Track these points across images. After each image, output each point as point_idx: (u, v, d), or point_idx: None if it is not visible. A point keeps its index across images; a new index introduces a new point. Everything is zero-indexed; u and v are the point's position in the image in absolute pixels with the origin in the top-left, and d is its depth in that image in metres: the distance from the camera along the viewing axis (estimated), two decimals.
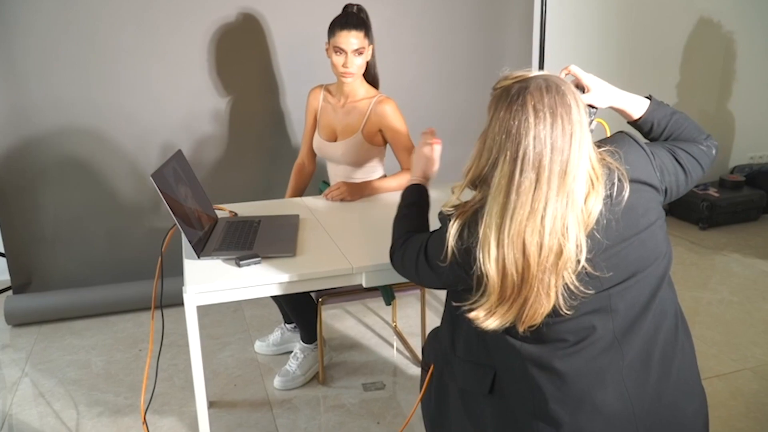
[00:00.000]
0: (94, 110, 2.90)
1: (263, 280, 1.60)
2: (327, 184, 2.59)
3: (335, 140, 2.44)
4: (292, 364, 2.44)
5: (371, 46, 2.31)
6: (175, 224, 1.67)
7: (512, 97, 1.13)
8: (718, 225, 4.07)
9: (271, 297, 2.35)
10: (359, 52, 2.23)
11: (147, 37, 2.88)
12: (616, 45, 3.92)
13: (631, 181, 1.20)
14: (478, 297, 1.19)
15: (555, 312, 1.18)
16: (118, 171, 3.01)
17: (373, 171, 2.44)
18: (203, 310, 2.83)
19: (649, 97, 1.47)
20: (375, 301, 3.08)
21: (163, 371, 2.55)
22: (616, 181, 1.18)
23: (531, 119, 1.10)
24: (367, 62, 2.33)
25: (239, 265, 1.63)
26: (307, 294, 2.35)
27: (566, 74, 1.45)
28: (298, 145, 3.17)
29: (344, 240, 1.85)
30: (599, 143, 1.22)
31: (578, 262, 1.14)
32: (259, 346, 2.68)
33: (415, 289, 2.55)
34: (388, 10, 3.19)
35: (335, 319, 2.96)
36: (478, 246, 1.16)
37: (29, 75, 2.79)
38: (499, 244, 1.13)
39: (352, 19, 2.24)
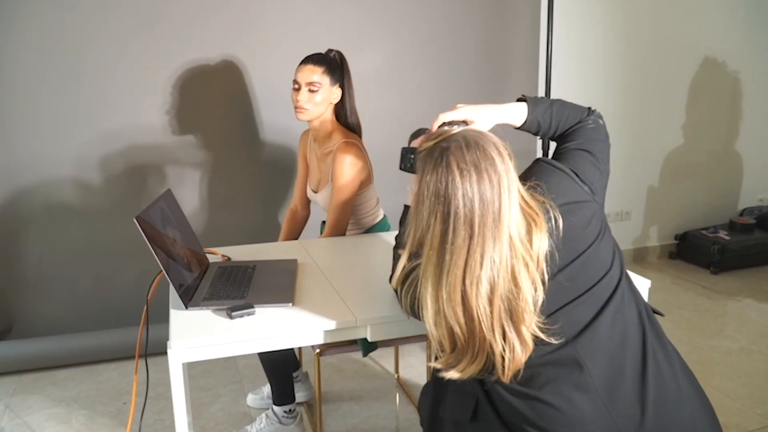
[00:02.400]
0: (78, 157, 2.80)
1: (257, 333, 1.44)
2: None
3: (317, 190, 2.33)
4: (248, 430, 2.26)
5: (338, 88, 2.21)
6: (161, 271, 1.53)
7: (436, 160, 1.15)
8: (729, 269, 3.94)
9: None
10: (314, 86, 2.13)
11: (130, 81, 2.78)
12: (622, 85, 3.84)
13: (561, 206, 1.23)
14: (436, 353, 1.22)
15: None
16: (104, 213, 2.88)
17: (366, 214, 2.31)
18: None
19: (523, 99, 1.49)
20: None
21: (148, 427, 2.37)
22: (550, 213, 1.21)
23: (457, 179, 1.12)
24: (342, 108, 2.25)
25: (231, 317, 1.48)
26: None
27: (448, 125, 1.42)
28: (292, 184, 3.05)
29: (346, 287, 1.70)
30: (521, 178, 1.23)
31: (536, 305, 1.16)
32: (252, 399, 2.50)
33: (422, 340, 2.39)
34: (390, 46, 3.11)
35: (332, 369, 2.78)
36: (417, 305, 1.20)
37: (13, 135, 2.71)
38: (438, 300, 1.15)
39: (315, 55, 2.19)
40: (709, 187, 4.26)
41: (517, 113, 1.48)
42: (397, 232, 1.58)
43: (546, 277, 1.19)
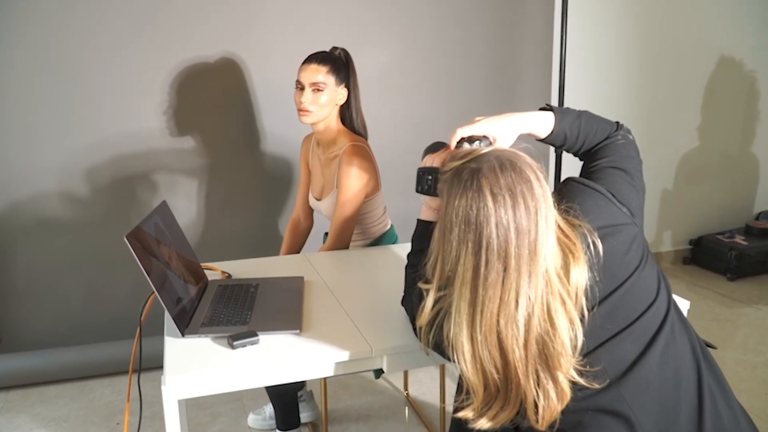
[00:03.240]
0: (70, 164, 2.66)
1: (262, 365, 1.29)
2: None
3: (321, 197, 2.18)
4: None
5: (344, 88, 2.06)
6: (153, 292, 1.38)
7: (465, 182, 1.03)
8: (747, 275, 3.81)
9: None
10: (318, 87, 1.98)
11: (123, 84, 2.64)
12: (635, 86, 3.71)
13: (599, 230, 1.11)
14: (464, 396, 1.09)
15: None
16: (96, 221, 2.74)
17: (373, 224, 2.17)
18: None
19: (548, 108, 1.36)
20: None
21: None
22: (588, 239, 1.09)
23: (490, 204, 1.01)
24: (348, 110, 2.10)
25: (233, 347, 1.33)
26: None
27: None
28: (293, 191, 2.91)
29: (357, 310, 1.55)
30: (554, 198, 1.10)
31: (575, 348, 1.04)
32: (253, 419, 2.36)
33: None
34: (398, 45, 2.96)
35: (338, 385, 2.64)
36: (451, 347, 1.07)
37: (2, 143, 2.58)
38: (473, 342, 1.04)
39: (319, 54, 2.03)
40: (724, 190, 4.13)
41: (542, 123, 1.35)
42: (409, 249, 1.44)
43: (585, 312, 1.06)
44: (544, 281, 1.03)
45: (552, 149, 3.21)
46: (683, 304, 1.57)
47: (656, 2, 3.61)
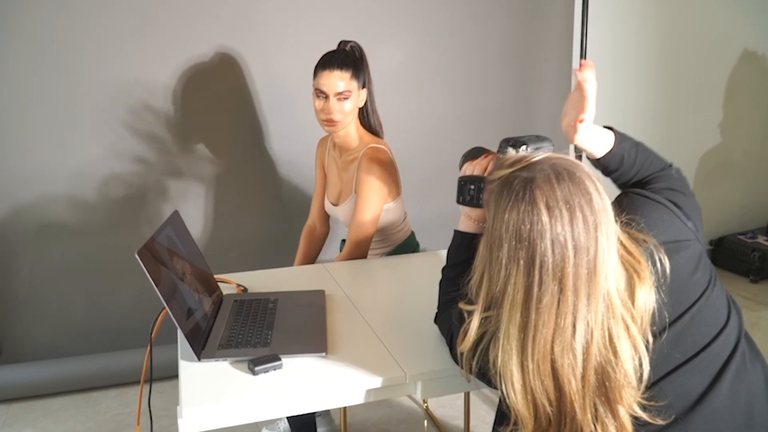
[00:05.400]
0: (72, 170, 2.57)
1: (287, 392, 1.18)
2: None
3: (338, 202, 2.07)
4: None
5: (364, 90, 1.94)
6: (165, 308, 1.27)
7: (517, 193, 0.94)
8: None
9: None
10: (344, 96, 1.86)
11: (127, 88, 2.54)
12: (656, 82, 3.61)
13: (664, 244, 1.01)
14: (511, 427, 1.00)
15: None
16: (100, 229, 2.64)
17: (395, 230, 2.06)
18: None
19: (608, 128, 1.25)
20: None
21: None
22: (655, 256, 1.00)
23: (545, 218, 0.92)
24: (363, 108, 1.98)
25: (254, 372, 1.22)
26: None
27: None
28: (308, 194, 2.80)
29: (386, 328, 1.44)
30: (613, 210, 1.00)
31: (640, 379, 0.94)
32: None
33: None
34: (412, 41, 2.86)
35: None
36: (498, 375, 0.98)
37: (3, 149, 2.50)
38: (524, 371, 0.95)
39: (338, 56, 1.89)
40: (745, 189, 4.03)
41: (603, 140, 1.22)
42: (434, 257, 1.33)
43: (650, 339, 0.96)
44: (604, 304, 0.93)
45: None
46: None
47: None
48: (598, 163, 1.25)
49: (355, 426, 2.36)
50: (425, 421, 2.40)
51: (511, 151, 1.16)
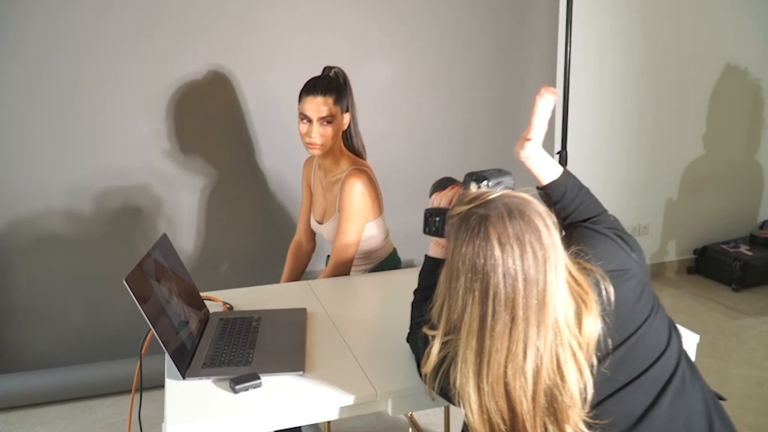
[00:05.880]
0: (69, 185, 2.65)
1: (265, 410, 1.27)
2: None
3: (323, 221, 2.15)
4: None
5: (347, 114, 2.02)
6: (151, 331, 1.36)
7: (473, 229, 1.01)
8: (751, 286, 3.79)
9: None
10: (327, 120, 1.94)
11: (121, 104, 2.62)
12: (641, 95, 3.68)
13: (610, 273, 1.09)
14: None
15: None
16: (95, 241, 2.72)
17: (376, 248, 2.15)
18: None
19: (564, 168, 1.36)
20: None
21: None
22: (600, 285, 1.07)
23: (497, 253, 0.99)
24: (347, 131, 2.06)
25: (235, 391, 1.31)
26: None
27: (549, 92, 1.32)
28: (295, 209, 2.88)
29: (361, 346, 1.53)
30: (563, 243, 1.07)
31: (584, 400, 1.02)
32: None
33: None
34: (401, 58, 2.94)
35: None
36: (457, 396, 1.05)
37: (5, 168, 2.57)
38: (480, 392, 1.02)
39: (322, 82, 1.96)
40: (728, 199, 4.10)
41: (551, 171, 1.32)
42: (412, 274, 1.41)
43: (595, 363, 1.04)
44: (553, 332, 1.00)
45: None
46: (693, 338, 1.55)
47: (661, 12, 3.58)
48: (543, 191, 1.34)
49: None
50: (409, 429, 2.48)
51: (473, 186, 1.25)
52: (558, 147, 3.04)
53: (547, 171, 1.32)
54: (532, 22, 3.17)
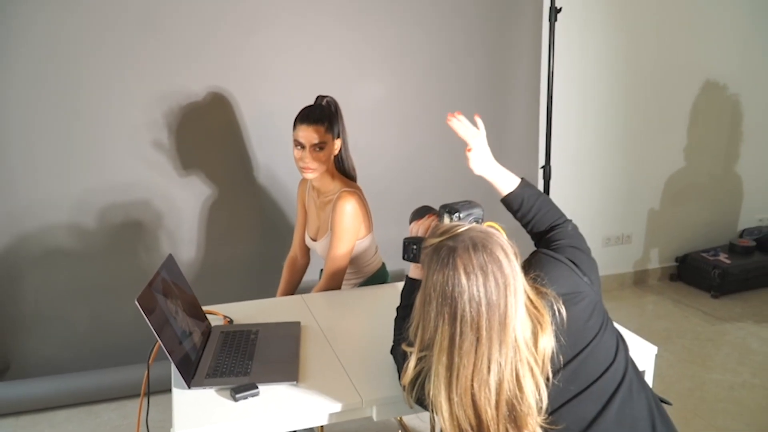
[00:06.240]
0: (75, 199, 2.79)
1: (263, 416, 1.42)
2: None
3: (316, 238, 2.30)
4: None
5: (338, 140, 2.18)
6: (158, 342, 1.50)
7: (443, 260, 1.15)
8: (730, 293, 3.94)
9: None
10: (319, 146, 2.10)
11: (119, 134, 2.77)
12: (623, 109, 3.83)
13: (562, 296, 1.23)
14: None
15: None
16: (100, 252, 2.85)
17: (366, 263, 2.30)
18: None
19: (522, 179, 1.56)
20: None
21: None
22: (554, 307, 1.21)
23: (463, 281, 1.12)
24: (338, 156, 2.22)
25: (235, 399, 1.46)
26: None
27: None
28: (290, 225, 3.02)
29: (350, 358, 1.68)
30: (523, 269, 1.22)
31: (540, 409, 1.16)
32: None
33: None
34: (392, 78, 3.08)
35: None
36: (431, 405, 1.19)
37: (11, 183, 2.71)
38: (450, 402, 1.15)
39: (314, 112, 2.12)
40: (709, 209, 4.25)
41: (508, 182, 1.55)
42: (399, 287, 1.57)
43: (550, 376, 1.18)
44: (513, 349, 1.14)
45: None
46: (651, 350, 1.70)
47: (643, 29, 3.73)
48: (504, 201, 1.55)
49: None
50: (399, 431, 2.62)
51: (446, 218, 1.40)
52: (542, 161, 3.18)
53: (504, 184, 1.54)
54: (518, 43, 3.32)
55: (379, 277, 2.33)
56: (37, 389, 2.76)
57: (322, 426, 2.22)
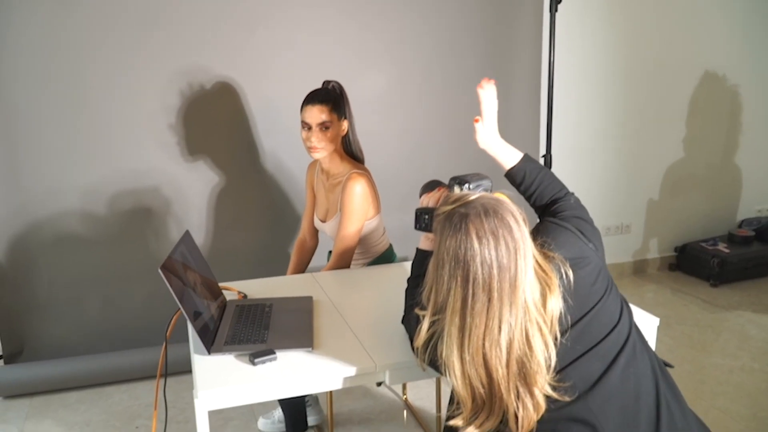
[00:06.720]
0: (85, 187, 2.85)
1: (280, 379, 1.47)
2: None
3: (325, 219, 2.35)
4: None
5: (345, 121, 2.24)
6: (179, 309, 1.56)
7: (455, 225, 1.19)
8: (729, 281, 3.99)
9: None
10: (325, 125, 2.16)
11: (130, 108, 2.82)
12: (623, 100, 3.89)
13: (569, 260, 1.28)
14: (455, 407, 1.26)
15: None
16: (111, 238, 2.91)
17: (374, 244, 2.35)
18: None
19: (525, 155, 1.62)
20: None
21: None
22: (561, 270, 1.26)
23: (476, 245, 1.17)
24: (345, 137, 2.28)
25: (254, 363, 1.51)
26: None
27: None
28: (298, 208, 3.08)
29: (362, 327, 1.74)
30: (531, 236, 1.26)
31: (549, 367, 1.21)
32: (263, 423, 2.54)
33: None
34: (395, 68, 3.14)
35: (340, 390, 2.82)
36: (444, 365, 1.24)
37: (23, 172, 2.76)
38: (462, 362, 1.20)
39: (320, 93, 2.20)
40: (708, 199, 4.31)
41: (510, 157, 1.61)
42: (407, 268, 1.62)
43: (558, 336, 1.23)
44: (523, 310, 1.20)
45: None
46: (653, 321, 1.76)
47: (643, 22, 3.79)
48: (507, 175, 1.61)
49: (342, 416, 2.64)
50: (404, 411, 2.68)
51: (456, 189, 1.46)
52: (543, 150, 3.24)
53: (507, 158, 1.60)
54: (518, 33, 3.37)
55: (387, 257, 2.39)
56: (50, 371, 2.82)
57: (331, 406, 2.28)
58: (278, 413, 2.53)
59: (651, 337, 1.75)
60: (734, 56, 4.08)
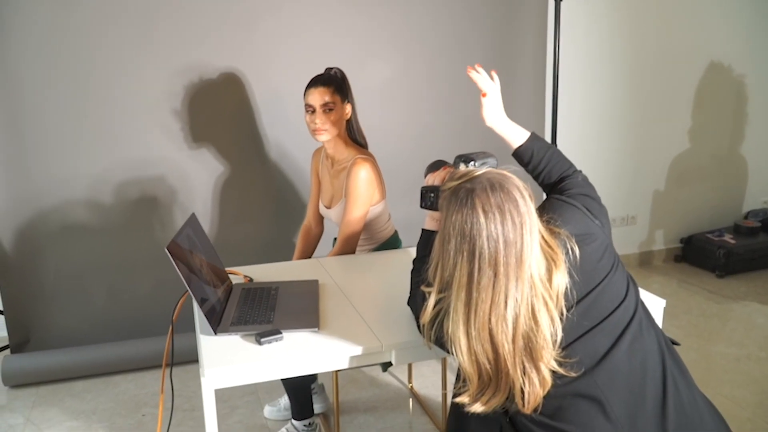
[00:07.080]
0: (91, 176, 2.86)
1: (287, 359, 1.48)
2: None
3: (330, 205, 2.36)
4: None
5: (348, 105, 2.25)
6: (187, 291, 1.56)
7: (461, 200, 1.19)
8: (735, 272, 3.99)
9: None
10: (328, 107, 2.17)
11: (136, 99, 2.83)
12: (628, 91, 3.88)
13: (575, 236, 1.28)
14: (461, 383, 1.26)
15: None
16: (117, 227, 2.92)
17: (379, 230, 2.35)
18: None
19: (532, 133, 1.62)
20: None
21: None
22: (567, 246, 1.25)
23: (482, 220, 1.16)
24: (349, 124, 2.28)
25: (260, 343, 1.51)
26: None
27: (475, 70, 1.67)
28: (303, 196, 3.09)
29: (368, 309, 1.74)
30: (538, 212, 1.26)
31: (555, 342, 1.20)
32: (269, 411, 2.54)
33: None
34: (401, 58, 3.14)
35: (347, 379, 2.82)
36: (450, 342, 1.23)
37: (29, 161, 2.77)
38: (468, 336, 1.20)
39: (322, 77, 2.22)
40: (714, 190, 4.30)
41: (518, 135, 1.61)
42: (412, 255, 1.61)
43: (564, 311, 1.23)
44: (529, 285, 1.19)
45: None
46: (659, 303, 1.75)
47: (648, 12, 3.78)
48: (515, 154, 1.61)
49: (347, 404, 2.64)
50: (410, 399, 2.68)
51: (462, 166, 1.46)
52: (548, 141, 3.24)
53: (515, 137, 1.60)
54: (523, 24, 3.37)
55: (392, 243, 2.39)
56: (57, 360, 2.83)
57: (336, 394, 2.28)
58: (284, 401, 2.53)
59: (657, 320, 1.74)
60: (740, 47, 4.07)
